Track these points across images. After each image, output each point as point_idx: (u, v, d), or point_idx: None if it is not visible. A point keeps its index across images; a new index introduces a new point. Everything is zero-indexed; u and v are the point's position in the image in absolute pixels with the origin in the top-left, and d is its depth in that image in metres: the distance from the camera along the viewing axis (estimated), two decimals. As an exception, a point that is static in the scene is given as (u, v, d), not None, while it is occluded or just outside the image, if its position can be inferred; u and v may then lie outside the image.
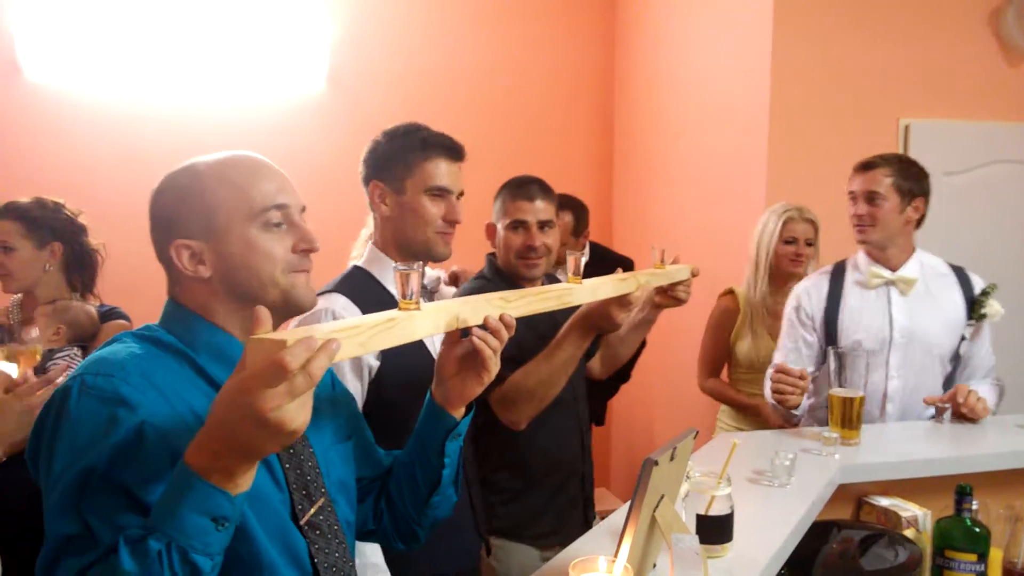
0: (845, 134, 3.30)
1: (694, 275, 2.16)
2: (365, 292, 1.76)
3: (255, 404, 0.83)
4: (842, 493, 1.92)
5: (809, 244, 2.89)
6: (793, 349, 2.51)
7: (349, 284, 1.78)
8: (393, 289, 1.74)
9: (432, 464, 1.34)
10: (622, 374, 3.18)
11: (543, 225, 2.15)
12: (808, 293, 2.53)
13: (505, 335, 1.27)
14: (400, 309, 1.12)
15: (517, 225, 2.15)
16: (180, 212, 1.14)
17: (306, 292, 1.19)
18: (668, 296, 2.15)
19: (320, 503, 1.20)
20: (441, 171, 1.78)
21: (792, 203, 2.95)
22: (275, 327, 1.08)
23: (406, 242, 1.79)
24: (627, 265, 3.47)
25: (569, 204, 3.13)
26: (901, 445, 2.16)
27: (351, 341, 0.96)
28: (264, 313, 0.89)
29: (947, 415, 2.31)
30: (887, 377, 2.41)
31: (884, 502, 1.93)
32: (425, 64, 4.20)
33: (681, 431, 1.34)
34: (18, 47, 3.59)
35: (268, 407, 0.83)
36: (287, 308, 1.18)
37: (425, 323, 1.15)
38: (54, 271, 2.36)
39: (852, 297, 2.46)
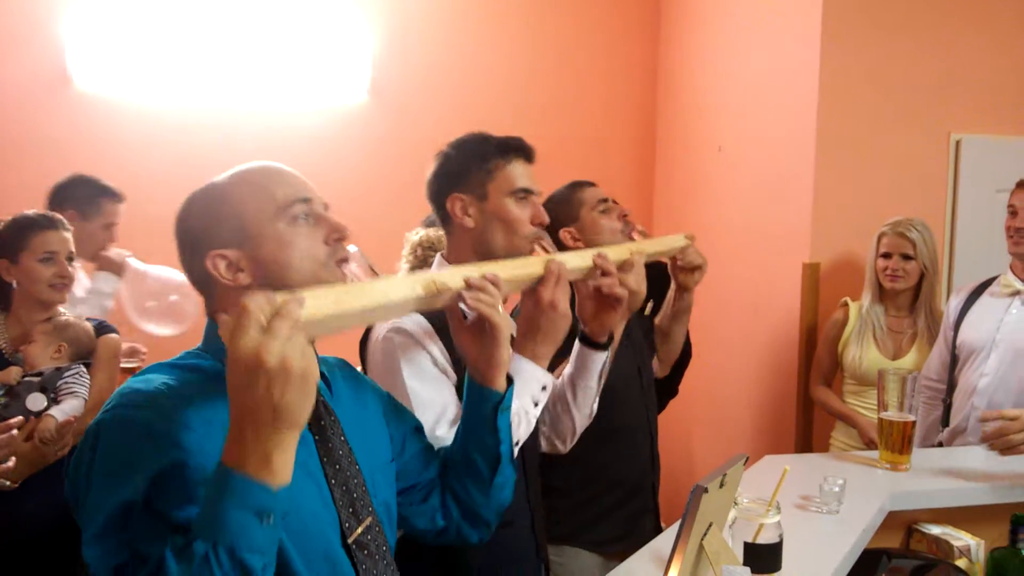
0: (895, 148, 3.24)
1: (690, 240, 2.13)
2: (438, 313, 1.70)
3: (245, 357, 0.85)
4: (891, 520, 1.87)
5: (908, 258, 2.86)
6: (932, 357, 2.77)
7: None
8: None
9: (488, 444, 1.33)
10: (670, 388, 3.16)
11: None
12: (950, 304, 2.75)
13: (494, 290, 1.30)
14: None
15: None
16: (208, 224, 1.15)
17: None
18: (685, 269, 2.14)
19: (368, 522, 1.18)
20: (521, 172, 1.71)
21: (901, 216, 2.92)
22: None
23: (491, 249, 1.68)
24: (662, 271, 3.45)
25: None
26: (954, 471, 2.10)
27: (324, 297, 0.99)
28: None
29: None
30: (980, 375, 2.56)
31: (935, 530, 1.88)
32: (466, 75, 4.20)
33: (719, 449, 1.31)
34: (68, 57, 3.65)
35: (258, 352, 0.85)
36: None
37: (402, 286, 1.19)
38: None
39: (980, 304, 2.65)
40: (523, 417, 1.49)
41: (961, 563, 1.76)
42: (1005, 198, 3.20)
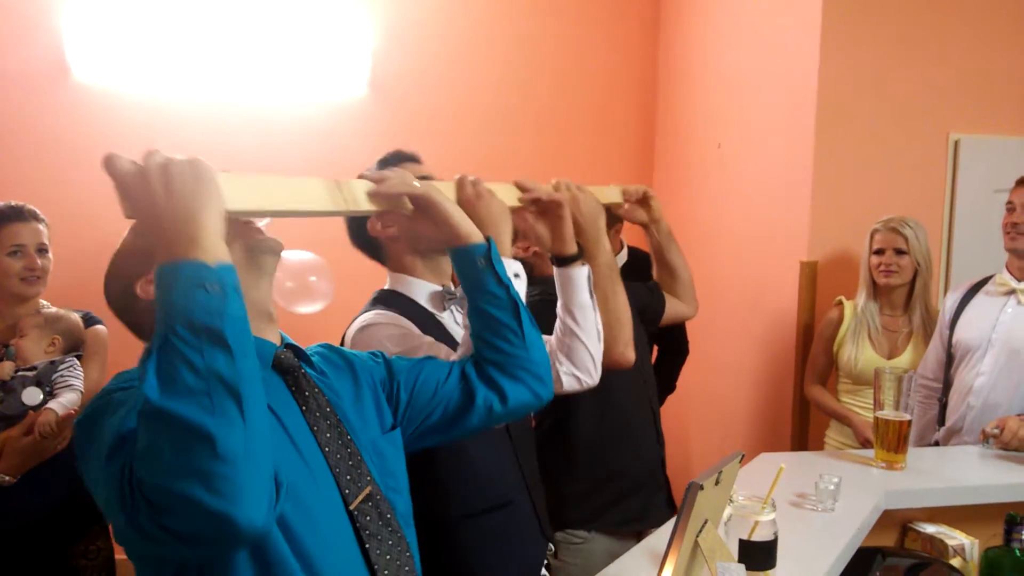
0: (893, 148, 3.24)
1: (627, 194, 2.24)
2: (405, 307, 1.70)
3: (131, 172, 0.98)
4: (886, 519, 1.88)
5: (901, 253, 2.86)
6: (927, 356, 2.77)
7: (383, 301, 1.72)
8: (424, 303, 1.72)
9: (500, 296, 1.34)
10: (668, 383, 3.18)
11: None
12: (946, 303, 2.76)
13: (392, 173, 1.39)
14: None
15: None
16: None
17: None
18: (637, 207, 2.29)
19: (367, 491, 1.19)
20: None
21: (894, 214, 2.93)
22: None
23: (420, 247, 1.72)
24: (645, 259, 3.46)
25: None
26: (949, 471, 2.11)
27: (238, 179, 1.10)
28: None
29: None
30: (976, 374, 2.56)
31: (930, 529, 1.88)
32: (464, 69, 4.20)
33: (716, 446, 1.31)
34: (67, 47, 3.64)
35: (141, 163, 0.97)
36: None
37: (318, 193, 1.26)
38: None
39: (976, 303, 2.65)
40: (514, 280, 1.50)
41: (955, 562, 1.76)
42: (1003, 198, 3.21)
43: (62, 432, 2.10)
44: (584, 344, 1.64)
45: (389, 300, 1.73)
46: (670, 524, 1.36)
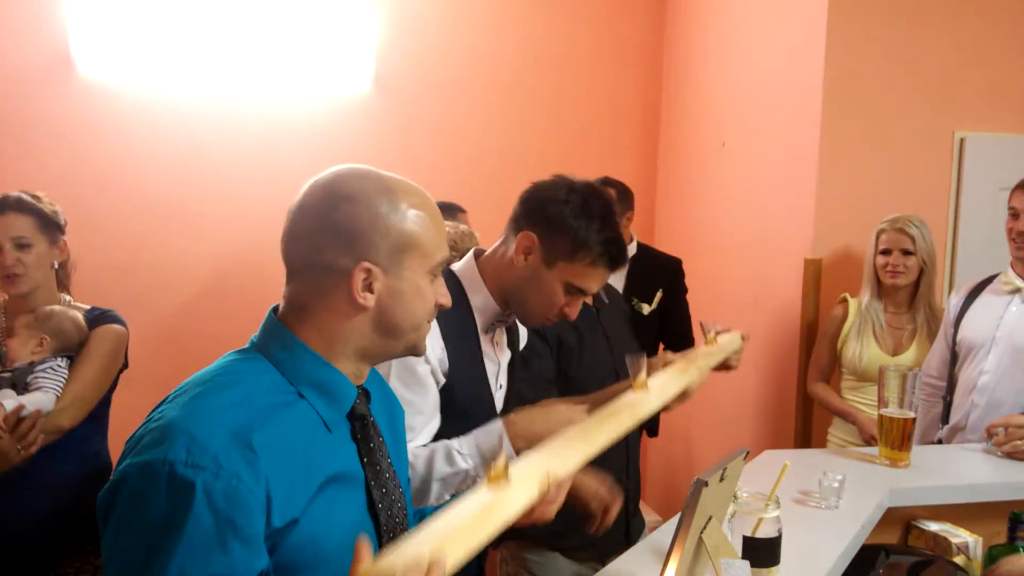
0: (898, 145, 3.23)
1: (745, 340, 2.07)
2: (452, 310, 1.64)
3: None
4: (890, 517, 1.88)
5: (908, 253, 2.86)
6: (932, 355, 2.77)
7: None
8: (477, 314, 1.66)
9: None
10: (650, 429, 3.21)
11: None
12: (951, 301, 2.74)
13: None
14: (489, 482, 1.04)
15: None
16: (372, 232, 1.06)
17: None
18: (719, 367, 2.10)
19: None
20: (595, 279, 1.65)
21: (899, 213, 2.92)
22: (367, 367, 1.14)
23: (515, 300, 1.66)
24: (675, 266, 3.45)
25: (612, 183, 3.32)
26: (953, 468, 2.10)
27: (457, 545, 0.92)
28: (364, 543, 0.82)
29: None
30: (981, 372, 2.55)
31: (934, 527, 1.88)
32: (469, 65, 4.19)
33: (719, 443, 1.31)
34: (72, 42, 3.64)
35: None
36: (406, 355, 1.17)
37: (519, 496, 1.07)
38: (53, 271, 2.18)
39: (980, 302, 2.64)
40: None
41: (959, 560, 1.76)
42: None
43: (14, 430, 1.87)
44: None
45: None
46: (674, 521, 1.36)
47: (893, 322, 2.93)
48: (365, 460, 1.12)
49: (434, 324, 1.52)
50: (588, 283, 1.64)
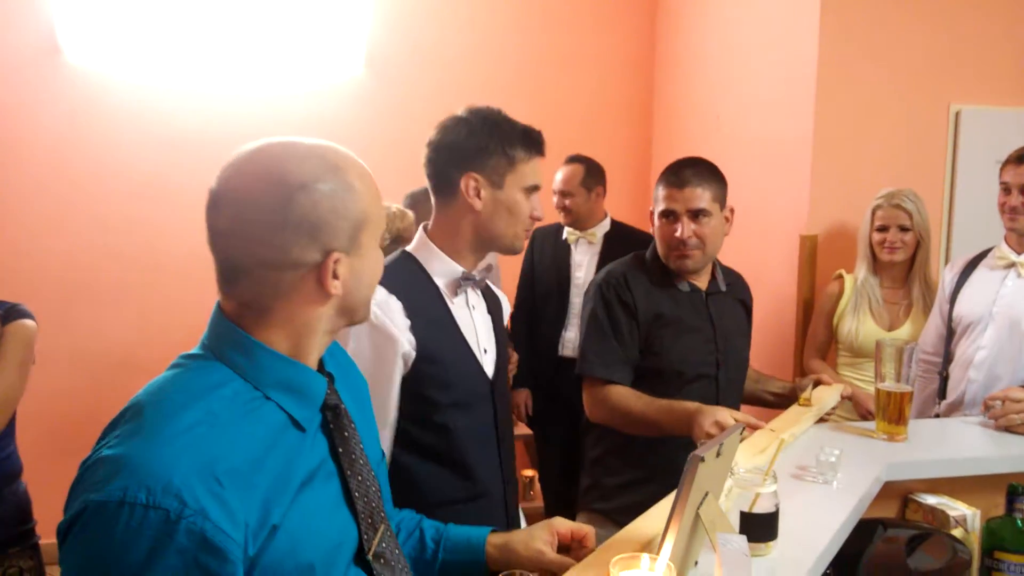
0: (894, 119, 3.22)
1: (846, 398, 2.38)
2: (411, 283, 1.67)
3: None
4: (887, 490, 1.87)
5: (905, 229, 2.85)
6: (928, 330, 2.77)
7: (390, 272, 1.61)
8: (440, 282, 1.69)
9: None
10: None
11: (696, 214, 2.12)
12: (946, 276, 2.74)
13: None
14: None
15: (667, 214, 2.14)
16: (333, 218, 1.02)
17: None
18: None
19: (382, 530, 1.13)
20: (537, 168, 1.73)
21: (894, 188, 2.91)
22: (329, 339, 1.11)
23: (491, 236, 1.71)
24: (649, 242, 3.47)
25: (580, 159, 3.45)
26: (950, 442, 2.10)
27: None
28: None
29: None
30: (978, 348, 2.55)
31: (931, 500, 1.87)
32: (462, 45, 4.17)
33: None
34: (58, 29, 3.61)
35: None
36: (358, 324, 1.15)
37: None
38: None
39: (976, 277, 2.64)
40: None
41: (957, 532, 1.76)
42: (1004, 170, 3.17)
43: None
44: None
45: (400, 272, 1.67)
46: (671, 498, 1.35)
47: (889, 297, 2.93)
48: (340, 451, 1.09)
49: (398, 305, 1.59)
50: (537, 176, 1.73)
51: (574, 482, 2.53)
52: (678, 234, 2.13)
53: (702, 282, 2.27)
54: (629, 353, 2.16)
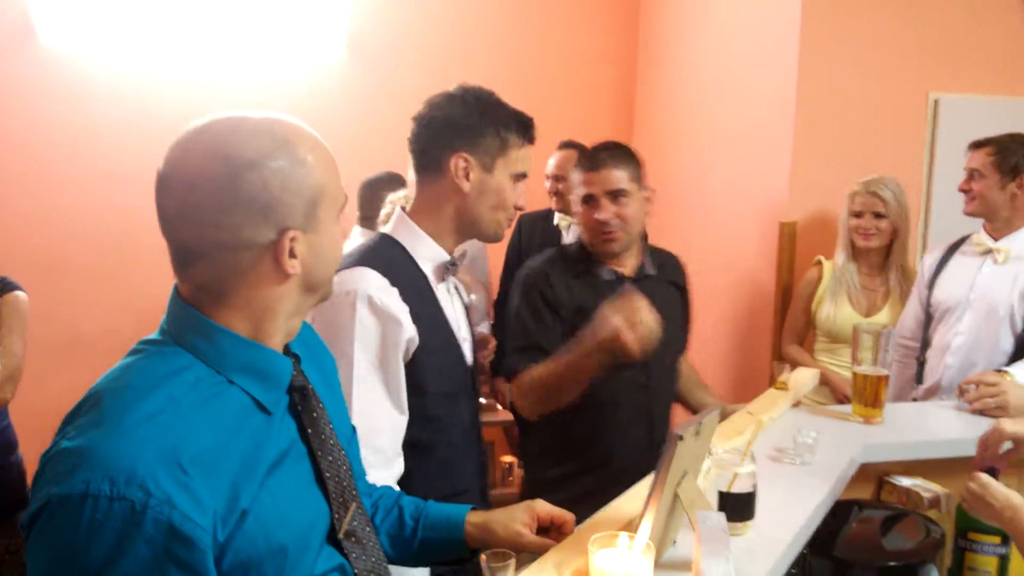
0: (873, 107, 3.23)
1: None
2: (399, 268, 1.60)
3: None
4: (863, 472, 1.89)
5: (880, 216, 2.87)
6: (906, 316, 2.80)
7: (379, 257, 1.60)
8: (426, 267, 1.64)
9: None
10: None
11: (615, 195, 2.06)
12: (924, 262, 2.77)
13: None
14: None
15: (587, 199, 2.09)
16: (285, 194, 0.99)
17: None
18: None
19: (353, 508, 1.13)
20: (527, 156, 1.69)
21: (873, 175, 2.92)
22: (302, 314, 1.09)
23: (474, 220, 1.65)
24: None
25: (574, 145, 3.46)
26: (925, 424, 2.12)
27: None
28: None
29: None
30: (955, 333, 2.58)
31: (906, 482, 1.90)
32: (443, 26, 4.15)
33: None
34: (32, 10, 3.55)
35: None
36: (322, 301, 1.13)
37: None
38: None
39: (953, 263, 2.67)
40: None
41: (931, 513, 1.78)
42: (982, 158, 3.21)
43: None
44: None
45: (385, 256, 1.61)
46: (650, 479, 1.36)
47: (867, 283, 2.95)
48: (309, 431, 1.08)
49: (394, 290, 1.53)
50: (526, 164, 1.69)
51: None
52: (598, 215, 2.06)
53: (628, 267, 2.17)
54: (553, 348, 2.03)
